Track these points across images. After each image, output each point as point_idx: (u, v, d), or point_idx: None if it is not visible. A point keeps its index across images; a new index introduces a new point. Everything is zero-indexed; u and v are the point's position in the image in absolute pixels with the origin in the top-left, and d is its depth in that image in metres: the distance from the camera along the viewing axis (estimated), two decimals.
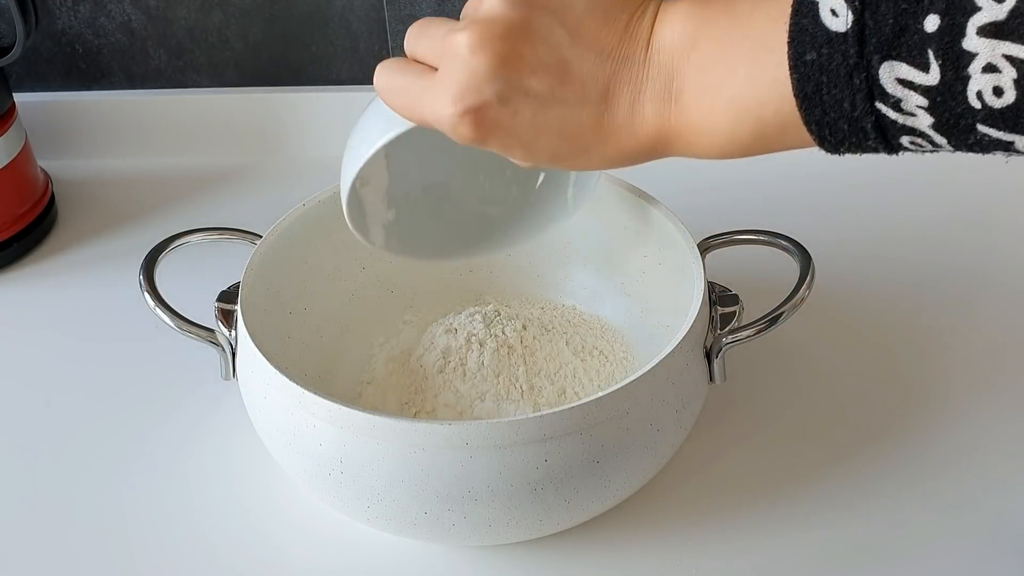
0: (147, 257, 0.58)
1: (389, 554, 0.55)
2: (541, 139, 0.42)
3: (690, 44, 0.40)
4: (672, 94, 0.41)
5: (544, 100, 0.41)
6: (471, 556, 0.55)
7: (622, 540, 0.56)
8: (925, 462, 0.59)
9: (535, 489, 0.49)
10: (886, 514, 0.56)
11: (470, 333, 0.61)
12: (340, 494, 0.51)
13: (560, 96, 0.41)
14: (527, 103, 0.41)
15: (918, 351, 0.67)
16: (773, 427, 0.62)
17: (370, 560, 0.55)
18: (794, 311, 0.55)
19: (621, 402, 0.49)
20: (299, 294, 0.63)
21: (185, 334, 0.56)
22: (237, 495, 0.59)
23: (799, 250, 0.57)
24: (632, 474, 0.52)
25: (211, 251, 0.62)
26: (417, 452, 0.48)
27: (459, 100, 0.41)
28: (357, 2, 0.85)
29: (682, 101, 0.41)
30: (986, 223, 0.79)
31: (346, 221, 0.53)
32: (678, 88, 0.41)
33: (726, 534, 0.56)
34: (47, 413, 0.66)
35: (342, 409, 0.48)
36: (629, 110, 0.41)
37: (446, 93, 0.41)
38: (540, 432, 0.48)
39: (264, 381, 0.52)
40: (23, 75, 0.89)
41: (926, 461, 0.59)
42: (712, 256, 0.59)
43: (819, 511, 0.57)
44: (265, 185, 0.87)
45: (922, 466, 0.59)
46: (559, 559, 0.55)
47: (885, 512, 0.57)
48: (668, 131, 0.41)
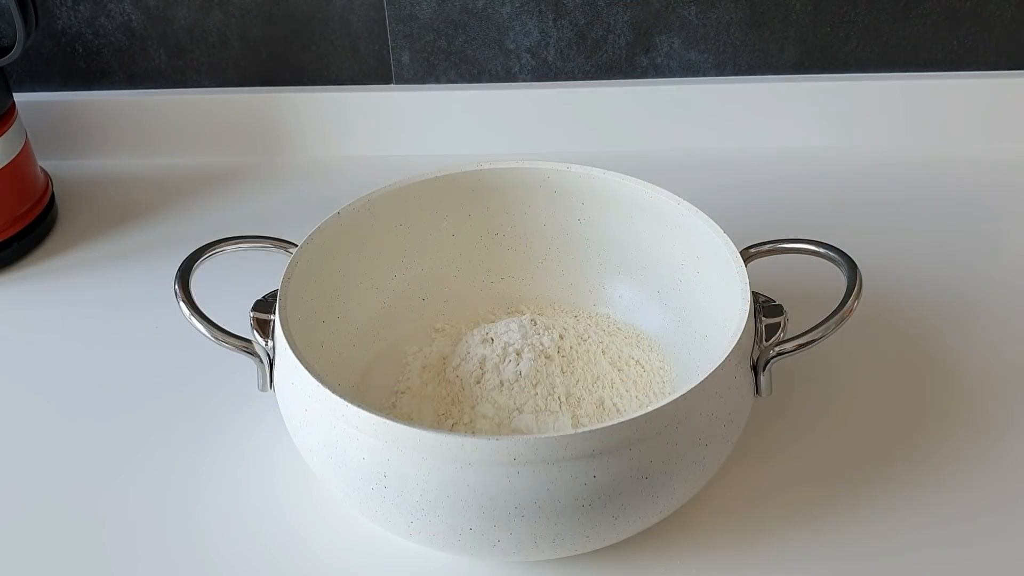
0: (182, 266, 0.58)
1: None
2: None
3: None
4: None
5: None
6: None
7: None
8: (977, 479, 0.58)
9: (583, 505, 0.48)
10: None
11: (507, 343, 0.60)
12: (382, 509, 0.50)
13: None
14: None
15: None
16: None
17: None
18: (841, 324, 0.54)
19: (671, 416, 0.48)
20: (332, 303, 0.62)
21: (220, 344, 0.56)
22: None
23: (846, 261, 0.56)
24: (679, 489, 0.51)
25: (231, 259, 0.61)
26: (463, 467, 0.47)
27: None
28: (357, 2, 0.84)
29: None
30: None
31: None
32: None
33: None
34: (48, 413, 0.65)
35: (387, 422, 0.47)
36: None
37: None
38: (589, 447, 0.47)
39: (306, 393, 0.51)
40: (23, 75, 0.89)
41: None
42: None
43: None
44: (265, 185, 0.87)
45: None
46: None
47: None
48: None
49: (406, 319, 0.66)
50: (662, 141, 0.89)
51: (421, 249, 0.66)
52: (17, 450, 0.62)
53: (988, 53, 0.87)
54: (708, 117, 0.88)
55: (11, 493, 0.60)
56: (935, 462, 0.59)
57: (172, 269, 0.58)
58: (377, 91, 0.88)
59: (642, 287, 0.66)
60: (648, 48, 0.87)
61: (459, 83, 0.89)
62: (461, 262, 0.68)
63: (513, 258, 0.68)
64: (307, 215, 0.65)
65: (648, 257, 0.65)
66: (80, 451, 0.62)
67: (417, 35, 0.86)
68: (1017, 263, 0.75)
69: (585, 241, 0.67)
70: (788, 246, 0.59)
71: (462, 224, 0.67)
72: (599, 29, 0.86)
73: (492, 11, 0.85)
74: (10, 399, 0.66)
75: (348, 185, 0.70)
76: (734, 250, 0.57)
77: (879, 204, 0.82)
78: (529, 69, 0.88)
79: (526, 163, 0.65)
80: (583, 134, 0.89)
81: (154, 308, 0.72)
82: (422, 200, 0.65)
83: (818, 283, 0.63)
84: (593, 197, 0.65)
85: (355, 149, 0.90)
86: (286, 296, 0.56)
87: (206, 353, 0.64)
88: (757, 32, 0.86)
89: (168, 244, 0.79)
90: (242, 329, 0.56)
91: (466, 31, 0.86)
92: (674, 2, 0.85)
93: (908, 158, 0.87)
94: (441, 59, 0.88)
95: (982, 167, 0.86)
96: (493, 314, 0.68)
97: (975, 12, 0.85)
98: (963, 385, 0.64)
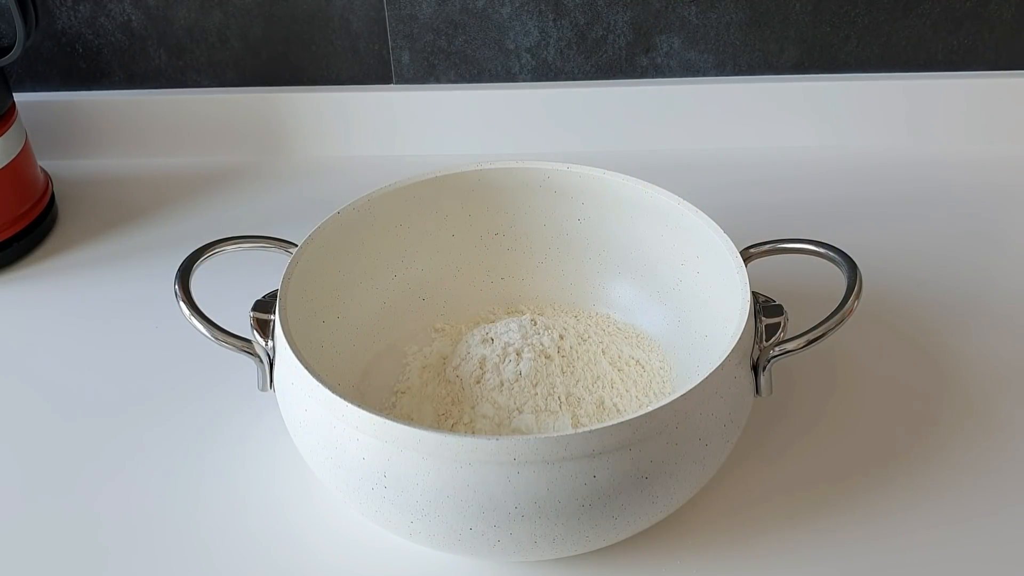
0: (182, 266, 0.57)
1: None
2: None
3: None
4: None
5: None
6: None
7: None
8: (978, 479, 0.58)
9: (583, 505, 0.48)
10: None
11: (507, 343, 0.60)
12: (382, 509, 0.50)
13: None
14: None
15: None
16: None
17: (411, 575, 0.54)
18: (841, 323, 0.54)
19: (671, 416, 0.48)
20: (332, 303, 0.62)
21: (220, 344, 0.55)
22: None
23: (846, 261, 0.56)
24: (679, 489, 0.51)
25: (231, 259, 0.61)
26: (464, 467, 0.47)
27: None
28: (357, 2, 0.84)
29: None
30: None
31: None
32: None
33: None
34: (48, 414, 0.65)
35: (387, 422, 0.47)
36: None
37: None
38: (589, 447, 0.47)
39: (306, 393, 0.51)
40: (23, 75, 0.89)
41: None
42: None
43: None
44: (265, 185, 0.87)
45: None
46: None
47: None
48: None
49: (406, 319, 0.66)
50: (662, 141, 0.89)
51: (421, 249, 0.66)
52: (17, 450, 0.62)
53: (988, 53, 0.87)
54: (708, 117, 0.88)
55: (11, 493, 0.60)
56: (935, 462, 0.59)
57: (172, 269, 0.58)
58: (377, 91, 0.88)
59: (642, 287, 0.66)
60: (648, 48, 0.87)
61: (459, 83, 0.89)
62: (461, 262, 0.68)
63: (513, 258, 0.68)
64: (307, 215, 0.65)
65: (648, 257, 0.65)
66: (80, 451, 0.62)
67: (417, 35, 0.86)
68: (1017, 263, 0.75)
69: (585, 241, 0.67)
70: (788, 246, 0.59)
71: (462, 224, 0.67)
72: (599, 29, 0.86)
73: (492, 11, 0.85)
74: (10, 399, 0.66)
75: (348, 185, 0.70)
76: (734, 250, 0.57)
77: (879, 204, 0.82)
78: (529, 69, 0.88)
79: (526, 163, 0.65)
80: (583, 134, 0.89)
81: (154, 308, 0.72)
82: (422, 200, 0.65)
83: (818, 283, 0.63)
84: (593, 197, 0.65)
85: (355, 149, 0.90)
86: (286, 296, 0.56)
87: (206, 353, 0.64)
88: (757, 32, 0.86)
89: (168, 244, 0.79)
90: (242, 329, 0.56)
91: (466, 31, 0.86)
92: (674, 2, 0.85)
93: (908, 158, 0.87)
94: (441, 59, 0.88)
95: (982, 167, 0.86)
96: (493, 314, 0.68)
97: (975, 12, 0.85)
98: (963, 385, 0.64)
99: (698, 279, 0.62)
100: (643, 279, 0.66)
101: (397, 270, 0.66)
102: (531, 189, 0.66)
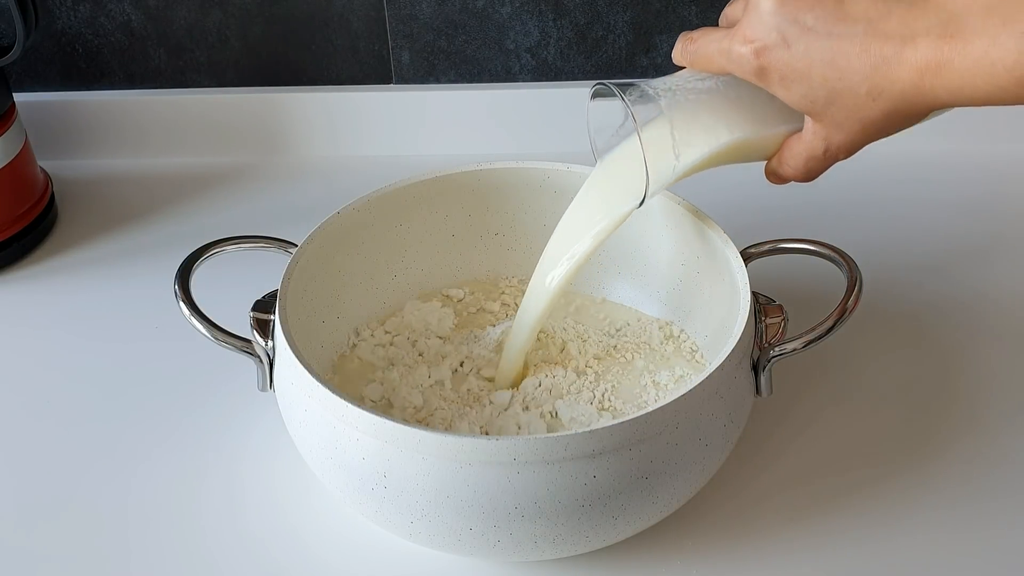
0: (182, 266, 0.57)
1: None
2: (815, 70, 0.47)
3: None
4: (950, 31, 0.43)
5: (817, 33, 0.46)
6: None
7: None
8: (977, 479, 0.58)
9: (583, 505, 0.48)
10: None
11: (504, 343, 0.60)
12: (382, 509, 0.50)
13: (833, 31, 0.46)
14: (802, 36, 0.47)
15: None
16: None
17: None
18: (841, 324, 0.54)
19: (671, 416, 0.48)
20: (332, 303, 0.62)
21: (220, 344, 0.55)
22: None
23: (846, 261, 0.56)
24: (679, 489, 0.51)
25: (231, 259, 0.61)
26: (463, 467, 0.47)
27: (749, 41, 0.48)
28: (357, 2, 0.84)
29: (962, 36, 0.43)
30: None
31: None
32: (957, 27, 0.43)
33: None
34: (48, 414, 0.65)
35: (387, 423, 0.47)
36: (899, 42, 0.45)
37: (739, 36, 0.49)
38: (589, 447, 0.47)
39: (306, 393, 0.51)
40: (23, 75, 0.89)
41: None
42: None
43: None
44: (265, 185, 0.87)
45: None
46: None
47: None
48: (941, 63, 0.44)
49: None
50: None
51: (421, 249, 0.66)
52: (16, 450, 0.62)
53: None
54: None
55: (11, 492, 0.60)
56: (935, 461, 0.59)
57: (172, 269, 0.58)
58: (377, 91, 0.88)
59: (642, 287, 0.66)
60: (648, 48, 0.87)
61: (459, 83, 0.89)
62: (461, 262, 0.68)
63: (513, 258, 0.68)
64: (307, 215, 0.65)
65: (648, 257, 0.65)
66: (80, 451, 0.62)
67: (417, 35, 0.86)
68: (1017, 263, 0.75)
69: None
70: (788, 246, 0.59)
71: (462, 224, 0.67)
72: (599, 29, 0.86)
73: (492, 11, 0.85)
74: (10, 398, 0.66)
75: (348, 185, 0.70)
76: (734, 250, 0.57)
77: (879, 204, 0.82)
78: (529, 69, 0.88)
79: (526, 163, 0.65)
80: (583, 134, 0.89)
81: (154, 308, 0.72)
82: (422, 200, 0.65)
83: (818, 283, 0.63)
84: None
85: (355, 149, 0.90)
86: (286, 296, 0.56)
87: (206, 353, 0.63)
88: None
89: (168, 244, 0.79)
90: (242, 329, 0.56)
91: (466, 31, 0.86)
92: (674, 2, 0.85)
93: (908, 158, 0.87)
94: (441, 59, 0.88)
95: (982, 167, 0.86)
96: (493, 314, 0.68)
97: None
98: (963, 385, 0.64)
99: (698, 279, 0.62)
100: (643, 279, 0.66)
101: (397, 270, 0.66)
102: (531, 189, 0.66)
